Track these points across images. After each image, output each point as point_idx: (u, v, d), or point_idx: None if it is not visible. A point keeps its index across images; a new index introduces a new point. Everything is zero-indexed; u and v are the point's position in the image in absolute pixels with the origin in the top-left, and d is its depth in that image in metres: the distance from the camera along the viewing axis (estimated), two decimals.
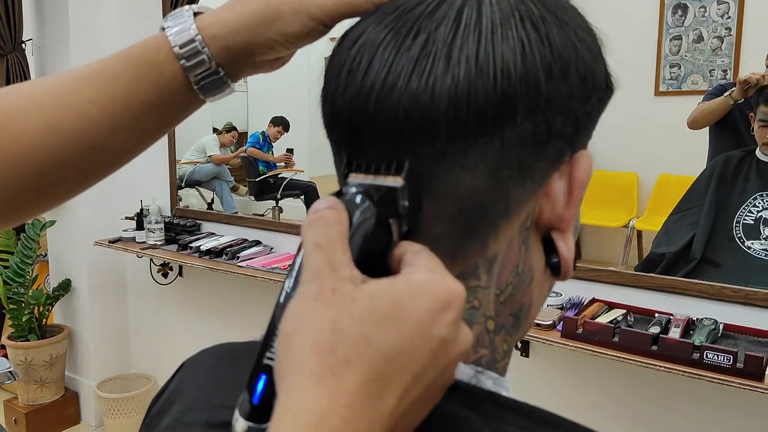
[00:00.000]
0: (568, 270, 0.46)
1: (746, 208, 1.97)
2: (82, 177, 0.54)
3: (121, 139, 0.53)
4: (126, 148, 0.54)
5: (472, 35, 0.39)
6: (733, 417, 1.73)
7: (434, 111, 0.39)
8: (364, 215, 0.37)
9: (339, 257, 0.35)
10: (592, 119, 0.45)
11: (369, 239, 0.37)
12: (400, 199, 0.39)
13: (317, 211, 0.36)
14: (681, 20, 2.53)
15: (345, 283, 0.34)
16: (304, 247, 0.36)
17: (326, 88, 0.44)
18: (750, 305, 1.71)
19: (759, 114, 1.97)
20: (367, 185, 0.39)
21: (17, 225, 0.62)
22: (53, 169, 0.51)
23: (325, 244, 0.35)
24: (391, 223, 0.38)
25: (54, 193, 0.54)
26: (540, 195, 0.43)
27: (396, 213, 0.39)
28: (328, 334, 0.32)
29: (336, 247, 0.35)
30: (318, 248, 0.35)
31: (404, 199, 0.39)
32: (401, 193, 0.39)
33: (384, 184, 0.39)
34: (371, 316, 0.33)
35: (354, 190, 0.38)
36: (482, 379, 0.43)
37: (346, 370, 0.32)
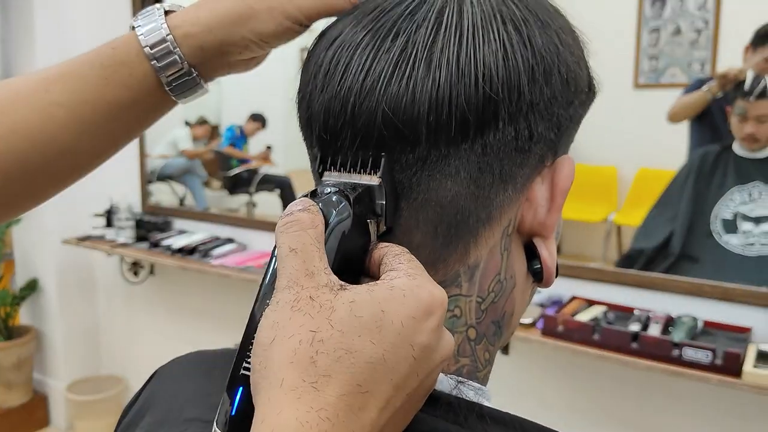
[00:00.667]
0: (550, 277, 0.45)
1: (723, 203, 1.98)
2: (50, 182, 0.53)
3: (90, 142, 0.52)
4: (96, 151, 0.53)
5: (453, 37, 0.38)
6: (713, 413, 1.74)
7: (415, 116, 0.37)
8: (340, 215, 0.36)
9: (316, 263, 0.34)
10: (575, 123, 0.44)
11: (346, 241, 0.36)
12: (377, 197, 0.38)
13: (291, 213, 0.35)
14: (659, 13, 2.53)
15: (323, 291, 0.33)
16: (279, 252, 0.35)
17: (303, 89, 0.43)
18: (728, 301, 1.72)
19: (736, 108, 1.98)
20: (342, 184, 0.38)
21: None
22: (18, 174, 0.50)
23: (300, 249, 0.34)
24: (369, 222, 0.38)
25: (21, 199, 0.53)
26: (522, 201, 0.42)
27: (373, 212, 0.38)
28: (307, 345, 0.31)
29: (312, 252, 0.34)
30: (293, 254, 0.34)
31: (381, 197, 0.38)
32: (378, 192, 0.38)
33: (360, 183, 0.38)
34: (351, 326, 0.32)
35: (329, 190, 0.37)
36: (464, 389, 0.42)
37: (326, 383, 0.31)
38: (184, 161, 3.21)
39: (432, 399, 0.39)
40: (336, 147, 0.39)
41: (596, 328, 1.67)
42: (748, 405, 1.66)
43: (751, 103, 1.93)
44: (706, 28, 2.46)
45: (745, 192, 1.96)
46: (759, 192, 1.94)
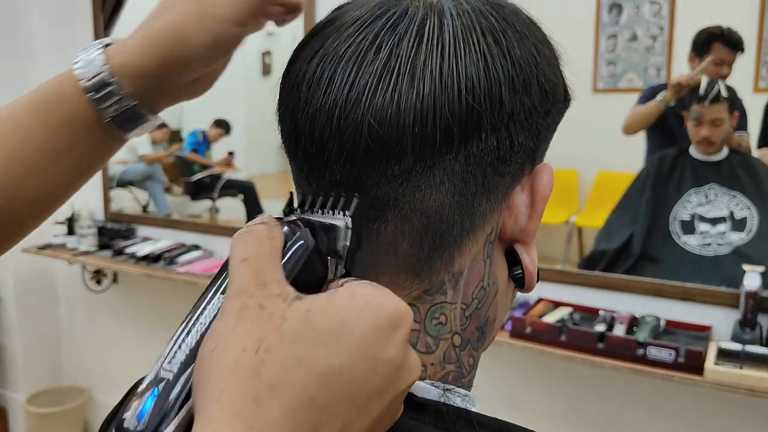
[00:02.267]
0: (532, 282, 0.46)
1: (681, 205, 2.03)
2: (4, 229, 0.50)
3: (39, 186, 0.49)
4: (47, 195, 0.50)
5: (436, 50, 0.39)
6: (676, 409, 1.78)
7: (400, 127, 0.38)
8: (302, 239, 0.35)
9: (268, 274, 0.32)
10: (551, 131, 0.45)
11: (304, 266, 0.35)
12: (341, 238, 0.37)
13: (248, 225, 0.34)
14: (616, 19, 2.59)
15: (274, 300, 0.31)
16: (230, 262, 0.33)
17: (285, 102, 0.43)
18: (689, 301, 1.76)
19: (692, 113, 2.04)
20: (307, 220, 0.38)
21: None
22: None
23: (253, 258, 0.32)
24: (329, 261, 0.37)
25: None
26: (503, 209, 0.43)
27: (335, 251, 0.37)
28: (252, 354, 0.29)
29: (266, 263, 0.32)
30: (245, 263, 0.32)
31: (346, 239, 0.37)
32: (343, 233, 0.37)
33: (327, 221, 0.38)
34: (306, 336, 0.30)
35: (294, 218, 0.37)
36: (451, 396, 0.42)
37: (271, 396, 0.28)
38: (144, 166, 3.16)
39: (420, 406, 0.40)
40: (322, 160, 0.40)
41: (563, 329, 1.70)
42: (710, 401, 1.71)
43: (705, 107, 1.99)
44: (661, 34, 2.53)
45: (702, 194, 2.02)
46: (715, 194, 2.00)
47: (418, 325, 0.42)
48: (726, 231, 1.95)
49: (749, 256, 1.84)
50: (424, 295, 0.42)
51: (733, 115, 2.01)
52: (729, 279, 1.78)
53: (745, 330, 1.62)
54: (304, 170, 0.42)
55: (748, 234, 1.93)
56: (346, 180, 0.40)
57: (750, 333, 1.61)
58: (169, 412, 0.30)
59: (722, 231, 1.95)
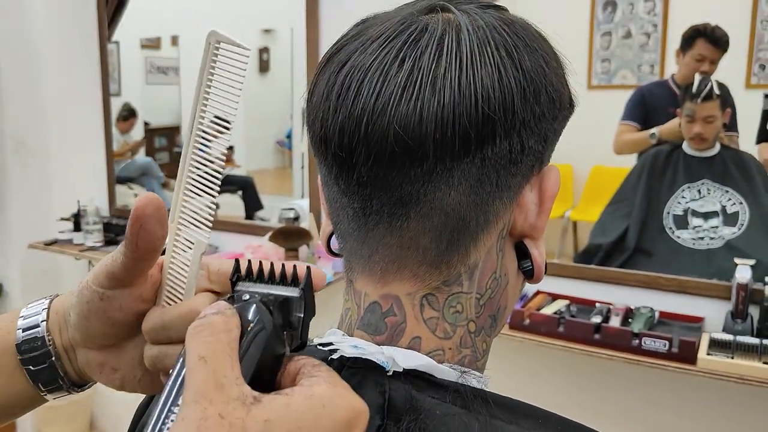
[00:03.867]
0: (540, 274, 0.50)
1: (675, 200, 2.08)
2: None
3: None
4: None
5: (454, 63, 0.42)
6: (670, 398, 1.83)
7: (423, 133, 0.41)
8: (260, 323, 0.35)
9: (227, 372, 0.32)
10: (558, 135, 0.49)
11: (264, 351, 0.34)
12: (295, 309, 0.37)
13: (204, 316, 0.34)
14: (611, 17, 2.63)
15: (234, 406, 0.31)
16: (187, 360, 0.32)
17: (314, 110, 0.46)
18: (683, 293, 1.81)
19: (685, 110, 2.07)
20: (260, 294, 0.37)
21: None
22: None
23: (210, 357, 0.32)
24: (285, 335, 0.36)
25: None
26: (514, 207, 0.47)
27: (290, 324, 0.37)
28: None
29: (223, 361, 0.32)
30: (202, 362, 0.32)
31: (299, 310, 0.37)
32: (296, 304, 0.37)
33: (281, 294, 0.37)
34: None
35: (248, 297, 0.36)
36: (468, 378, 0.46)
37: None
38: (140, 162, 3.16)
39: (440, 387, 0.44)
40: (351, 163, 0.43)
41: (561, 321, 1.74)
42: (703, 390, 1.75)
43: (698, 105, 2.02)
44: (655, 31, 2.57)
45: (695, 189, 2.06)
46: (707, 189, 2.05)
47: (437, 312, 0.46)
48: (718, 225, 1.99)
49: (741, 250, 1.89)
50: (443, 286, 0.46)
51: (725, 111, 2.04)
52: (721, 272, 1.83)
53: (737, 321, 1.67)
54: (334, 172, 0.45)
55: (740, 228, 1.97)
56: (373, 181, 0.43)
57: (741, 324, 1.66)
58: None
59: (715, 225, 2.00)
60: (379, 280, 0.46)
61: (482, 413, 0.43)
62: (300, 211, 2.45)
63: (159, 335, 0.43)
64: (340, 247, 0.50)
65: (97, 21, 2.80)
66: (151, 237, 0.41)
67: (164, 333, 0.43)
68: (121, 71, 3.07)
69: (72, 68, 2.91)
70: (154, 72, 3.22)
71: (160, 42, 3.22)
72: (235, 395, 0.31)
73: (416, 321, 0.46)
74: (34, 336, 0.48)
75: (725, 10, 2.39)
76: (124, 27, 2.90)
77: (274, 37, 2.93)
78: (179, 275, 0.44)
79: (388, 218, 0.44)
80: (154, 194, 0.40)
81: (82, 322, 0.46)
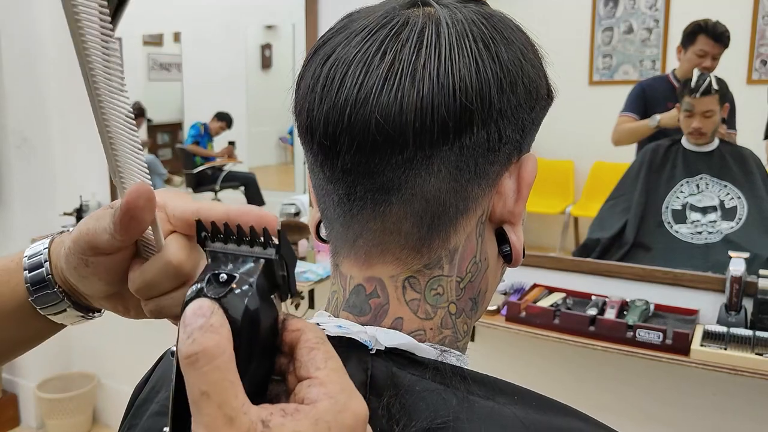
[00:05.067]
0: (518, 258, 0.52)
1: (673, 194, 2.08)
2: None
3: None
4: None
5: (433, 54, 0.44)
6: (664, 388, 1.84)
7: (403, 122, 0.43)
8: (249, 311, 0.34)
9: (232, 404, 0.31)
10: (536, 125, 0.50)
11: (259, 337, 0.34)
12: (277, 270, 0.36)
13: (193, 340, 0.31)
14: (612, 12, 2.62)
15: None
16: (190, 395, 0.31)
17: (301, 101, 0.48)
18: (678, 286, 1.83)
19: (684, 105, 2.07)
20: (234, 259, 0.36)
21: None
22: None
23: (212, 390, 0.31)
24: (274, 297, 0.36)
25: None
26: (493, 193, 0.49)
27: (275, 285, 0.36)
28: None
29: (226, 392, 0.31)
30: (206, 398, 0.31)
31: (281, 269, 0.36)
32: (277, 264, 0.36)
33: (257, 256, 0.36)
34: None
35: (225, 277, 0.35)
36: (447, 356, 0.48)
37: None
38: None
39: (420, 364, 0.45)
40: (335, 150, 0.45)
41: (556, 313, 1.76)
42: (697, 380, 1.77)
43: (697, 99, 2.03)
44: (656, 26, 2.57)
45: (693, 184, 2.07)
46: (706, 184, 2.05)
47: (419, 294, 0.48)
48: (716, 220, 2.00)
49: (738, 244, 1.90)
50: (424, 269, 0.48)
51: (724, 107, 2.05)
52: (718, 266, 1.84)
53: (730, 313, 1.68)
54: (319, 159, 0.47)
55: (737, 223, 1.98)
56: (356, 168, 0.45)
57: (735, 316, 1.67)
58: None
59: (713, 220, 2.00)
60: (364, 264, 0.48)
61: (460, 389, 0.45)
62: (301, 206, 2.47)
63: (148, 292, 0.44)
64: (327, 232, 0.52)
65: None
66: (141, 225, 0.41)
67: (152, 290, 0.44)
68: (123, 68, 3.08)
69: (74, 64, 2.88)
70: (156, 68, 3.23)
71: (162, 38, 3.23)
72: (245, 428, 0.31)
73: (398, 302, 0.47)
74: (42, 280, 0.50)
75: (726, 6, 2.38)
76: (126, 23, 2.91)
77: (276, 34, 2.94)
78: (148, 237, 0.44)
79: (371, 204, 0.46)
80: (144, 184, 0.40)
81: (77, 280, 0.47)
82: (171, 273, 0.42)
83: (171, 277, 0.43)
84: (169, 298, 0.44)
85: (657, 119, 2.15)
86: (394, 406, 0.43)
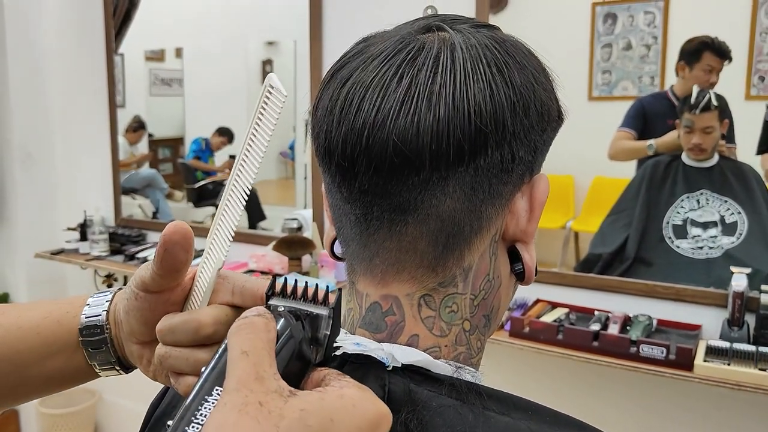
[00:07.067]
0: (531, 276, 0.53)
1: (674, 210, 2.09)
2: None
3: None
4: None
5: (449, 79, 0.45)
6: (667, 403, 1.84)
7: (420, 145, 0.44)
8: (294, 332, 0.38)
9: (266, 368, 0.34)
10: (547, 146, 0.52)
11: (294, 357, 0.38)
12: (322, 327, 0.40)
13: (246, 317, 0.37)
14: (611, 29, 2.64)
15: (273, 397, 0.33)
16: (230, 354, 0.35)
17: (319, 123, 0.49)
18: (680, 301, 1.83)
19: (684, 121, 2.08)
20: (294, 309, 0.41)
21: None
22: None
23: (252, 352, 0.35)
24: (312, 349, 0.40)
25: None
26: (506, 213, 0.50)
27: (316, 340, 0.40)
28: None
29: (263, 357, 0.35)
30: (244, 356, 0.35)
31: (326, 328, 0.40)
32: (324, 322, 0.40)
33: (312, 311, 0.41)
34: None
35: (283, 308, 0.40)
36: (462, 373, 0.48)
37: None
38: (145, 173, 3.18)
39: (436, 380, 0.46)
40: (353, 172, 0.46)
41: (560, 329, 1.76)
42: (700, 396, 1.77)
43: (696, 115, 2.04)
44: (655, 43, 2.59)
45: (694, 199, 2.07)
46: (706, 199, 2.06)
47: (434, 312, 0.48)
48: (717, 235, 2.00)
49: (739, 259, 1.90)
50: (439, 287, 0.49)
51: (723, 122, 2.06)
52: (720, 281, 1.84)
53: (733, 329, 1.69)
54: (337, 180, 0.48)
55: (738, 238, 1.98)
56: (373, 189, 0.46)
57: (737, 331, 1.68)
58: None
59: (713, 235, 2.01)
60: (380, 282, 0.49)
61: (476, 405, 0.46)
62: (303, 221, 2.47)
63: (166, 336, 0.47)
64: (343, 251, 0.52)
65: (104, 33, 2.84)
66: (174, 261, 0.46)
67: (171, 335, 0.47)
68: (125, 83, 3.10)
69: (78, 80, 2.94)
70: (158, 84, 3.24)
71: (164, 54, 3.25)
72: (273, 388, 0.34)
73: (414, 320, 0.48)
74: (95, 324, 0.55)
75: (724, 22, 2.40)
76: (128, 39, 2.93)
77: (277, 49, 2.96)
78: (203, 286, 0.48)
79: (388, 224, 0.47)
80: (183, 224, 0.46)
81: (125, 317, 0.52)
82: (192, 327, 0.46)
83: (191, 330, 0.46)
84: (178, 351, 0.47)
85: (654, 146, 2.17)
86: (411, 421, 0.44)
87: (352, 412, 0.34)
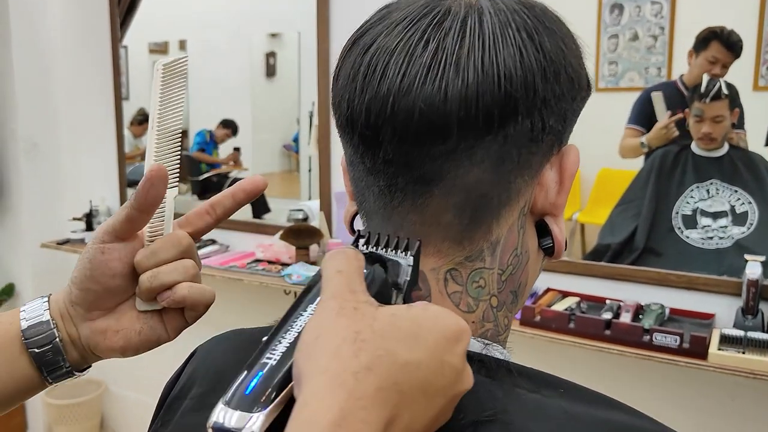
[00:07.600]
0: (560, 250, 0.51)
1: (684, 200, 2.08)
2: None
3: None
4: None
5: (477, 43, 0.43)
6: (681, 392, 1.84)
7: (447, 112, 0.43)
8: (377, 272, 0.41)
9: (357, 284, 0.37)
10: (576, 116, 0.50)
11: (377, 290, 0.40)
12: (403, 274, 0.42)
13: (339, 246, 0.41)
14: (618, 19, 2.63)
15: (365, 304, 0.36)
16: (325, 273, 0.38)
17: (341, 91, 0.47)
18: (693, 290, 1.82)
19: (693, 110, 2.07)
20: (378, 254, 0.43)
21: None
22: None
23: (345, 271, 0.38)
24: (392, 291, 0.42)
25: None
26: (535, 185, 0.48)
27: (396, 285, 0.42)
28: (350, 343, 0.34)
29: (355, 276, 0.38)
30: (339, 274, 0.38)
31: (406, 275, 0.42)
32: (404, 269, 0.42)
33: (393, 258, 0.42)
34: (392, 333, 0.35)
35: (368, 251, 0.43)
36: (491, 350, 0.48)
37: (367, 375, 0.33)
38: None
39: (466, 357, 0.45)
40: (377, 141, 0.45)
41: (571, 317, 1.75)
42: (714, 384, 1.76)
43: (706, 104, 2.03)
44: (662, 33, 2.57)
45: (704, 189, 2.06)
46: (716, 189, 2.05)
47: (461, 287, 0.47)
48: (727, 225, 1.99)
49: (750, 249, 1.89)
50: (466, 261, 0.47)
51: (734, 111, 2.05)
52: (730, 271, 1.83)
53: (747, 317, 1.67)
54: (360, 151, 0.47)
55: (749, 228, 1.97)
56: (398, 159, 0.44)
57: (752, 320, 1.66)
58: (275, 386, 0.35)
59: (724, 225, 2.00)
60: None
61: (506, 382, 0.45)
62: (308, 212, 2.46)
63: (149, 260, 0.52)
64: (365, 225, 0.51)
65: (110, 24, 2.83)
66: (157, 194, 0.50)
67: (153, 257, 0.52)
68: (129, 75, 3.09)
69: (84, 71, 2.94)
70: None
71: (168, 46, 3.24)
72: (364, 299, 0.37)
73: (440, 295, 0.47)
74: (39, 321, 0.54)
75: (732, 12, 2.39)
76: (131, 31, 2.92)
77: (280, 41, 2.95)
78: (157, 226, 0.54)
79: (412, 195, 0.46)
80: (162, 165, 0.51)
81: (85, 284, 0.53)
82: (173, 241, 0.53)
83: (173, 244, 0.53)
84: (165, 267, 0.52)
85: (645, 144, 2.16)
86: None
87: (436, 323, 0.37)
